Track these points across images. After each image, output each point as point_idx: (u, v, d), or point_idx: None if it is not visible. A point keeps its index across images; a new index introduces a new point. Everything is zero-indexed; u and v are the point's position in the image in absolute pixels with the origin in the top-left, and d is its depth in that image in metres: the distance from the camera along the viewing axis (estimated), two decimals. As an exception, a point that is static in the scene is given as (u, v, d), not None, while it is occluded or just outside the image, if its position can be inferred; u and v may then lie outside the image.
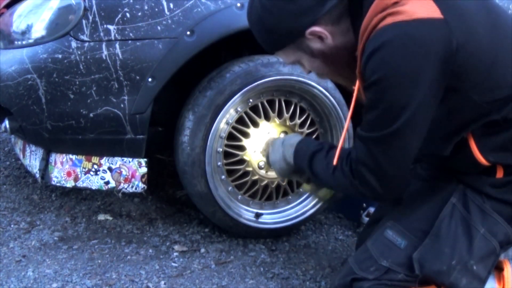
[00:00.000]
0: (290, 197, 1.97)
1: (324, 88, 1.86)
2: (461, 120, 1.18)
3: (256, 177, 1.88)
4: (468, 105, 1.16)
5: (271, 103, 1.86)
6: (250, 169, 1.86)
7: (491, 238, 1.21)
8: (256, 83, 1.76)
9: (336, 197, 1.69)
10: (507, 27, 1.21)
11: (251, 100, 1.81)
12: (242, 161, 1.85)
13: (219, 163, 1.82)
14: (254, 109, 1.84)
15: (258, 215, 1.92)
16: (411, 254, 1.23)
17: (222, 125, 1.79)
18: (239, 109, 1.80)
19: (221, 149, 1.81)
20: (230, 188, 1.88)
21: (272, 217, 1.95)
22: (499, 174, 1.21)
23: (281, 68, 1.78)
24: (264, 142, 1.75)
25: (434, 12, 1.08)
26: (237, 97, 1.75)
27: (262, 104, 1.84)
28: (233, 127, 1.82)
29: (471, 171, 1.24)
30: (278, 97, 1.85)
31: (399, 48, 1.07)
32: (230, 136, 1.83)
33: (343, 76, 1.31)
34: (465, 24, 1.11)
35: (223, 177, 1.85)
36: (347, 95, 1.90)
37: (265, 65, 1.78)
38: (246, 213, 1.91)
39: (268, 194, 1.94)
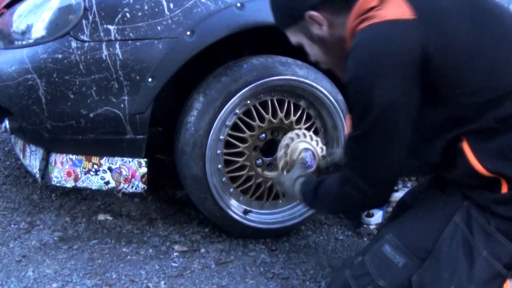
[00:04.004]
0: (280, 201, 1.97)
1: (335, 100, 1.88)
2: (448, 123, 1.15)
3: (252, 173, 1.88)
4: (454, 106, 1.13)
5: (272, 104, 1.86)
6: (248, 163, 1.86)
7: (494, 262, 1.14)
8: (271, 79, 1.77)
9: None
10: (498, 24, 1.17)
11: (261, 95, 1.82)
12: (241, 154, 1.85)
13: (218, 151, 1.82)
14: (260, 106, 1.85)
15: (246, 212, 1.91)
16: (409, 274, 1.19)
17: (229, 113, 1.79)
18: (248, 102, 1.80)
19: (223, 137, 1.81)
20: (224, 179, 1.87)
21: (259, 216, 1.95)
22: (504, 189, 1.13)
23: (298, 70, 1.80)
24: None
25: (405, 13, 1.10)
26: (250, 88, 1.76)
27: (272, 101, 1.84)
28: (239, 118, 1.82)
29: (473, 183, 1.17)
30: (288, 99, 1.87)
31: (366, 50, 1.10)
32: (234, 127, 1.83)
33: (339, 68, 1.33)
34: (441, 23, 1.11)
35: (219, 166, 1.84)
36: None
37: (282, 64, 1.79)
38: (235, 207, 1.90)
39: (260, 194, 1.93)
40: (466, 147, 1.14)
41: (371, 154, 1.17)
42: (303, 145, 1.69)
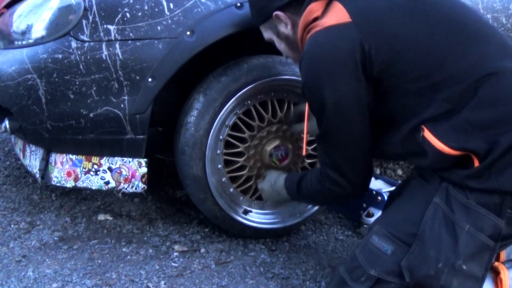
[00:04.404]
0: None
1: None
2: (403, 113, 1.23)
3: (252, 173, 1.88)
4: (405, 96, 1.21)
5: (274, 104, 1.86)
6: (247, 164, 1.86)
7: (477, 234, 1.17)
8: (271, 78, 1.77)
9: None
10: (435, 12, 1.25)
11: (261, 95, 1.82)
12: (241, 154, 1.85)
13: (218, 151, 1.82)
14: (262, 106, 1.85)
15: (246, 212, 1.92)
16: (398, 261, 1.22)
17: (229, 114, 1.79)
18: (248, 102, 1.80)
19: (223, 138, 1.81)
20: (224, 179, 1.87)
21: (259, 216, 1.95)
22: (476, 163, 1.17)
23: (297, 70, 1.80)
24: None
25: (343, 17, 1.22)
26: (250, 88, 1.76)
27: (272, 102, 1.84)
28: (239, 118, 1.81)
29: (447, 165, 1.21)
30: (288, 99, 1.87)
31: (310, 57, 1.24)
32: (234, 127, 1.83)
33: None
34: (376, 23, 1.22)
35: (219, 166, 1.84)
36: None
37: (282, 64, 1.80)
38: (235, 206, 1.90)
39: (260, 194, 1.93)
40: (428, 134, 1.19)
41: (336, 149, 1.31)
42: (271, 144, 1.83)
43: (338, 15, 1.23)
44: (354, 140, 1.28)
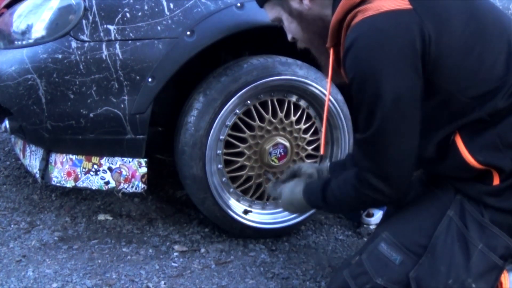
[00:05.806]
0: (280, 201, 1.97)
1: (335, 100, 1.87)
2: (443, 117, 1.15)
3: (252, 173, 1.88)
4: (449, 101, 1.13)
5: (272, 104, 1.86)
6: (248, 163, 1.86)
7: (490, 254, 1.15)
8: (271, 78, 1.77)
9: None
10: (487, 18, 1.17)
11: (261, 95, 1.82)
12: (241, 154, 1.85)
13: (218, 151, 1.82)
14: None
15: (246, 212, 1.92)
16: (407, 271, 1.20)
17: (229, 113, 1.79)
18: (248, 102, 1.81)
19: (223, 137, 1.81)
20: (224, 179, 1.87)
21: (259, 216, 1.95)
22: (496, 181, 1.14)
23: (297, 70, 1.80)
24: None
25: (401, 3, 1.08)
26: (250, 88, 1.76)
27: (272, 101, 1.84)
28: (239, 118, 1.82)
29: (465, 176, 1.18)
30: (288, 98, 1.87)
31: (366, 45, 1.08)
32: (234, 127, 1.83)
33: (315, 47, 1.32)
34: (437, 14, 1.10)
35: (219, 166, 1.85)
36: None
37: (282, 64, 1.80)
38: (235, 206, 1.90)
39: (260, 194, 1.93)
40: (458, 140, 1.15)
41: (385, 151, 1.15)
42: (270, 142, 1.82)
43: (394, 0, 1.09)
44: (407, 140, 1.14)
